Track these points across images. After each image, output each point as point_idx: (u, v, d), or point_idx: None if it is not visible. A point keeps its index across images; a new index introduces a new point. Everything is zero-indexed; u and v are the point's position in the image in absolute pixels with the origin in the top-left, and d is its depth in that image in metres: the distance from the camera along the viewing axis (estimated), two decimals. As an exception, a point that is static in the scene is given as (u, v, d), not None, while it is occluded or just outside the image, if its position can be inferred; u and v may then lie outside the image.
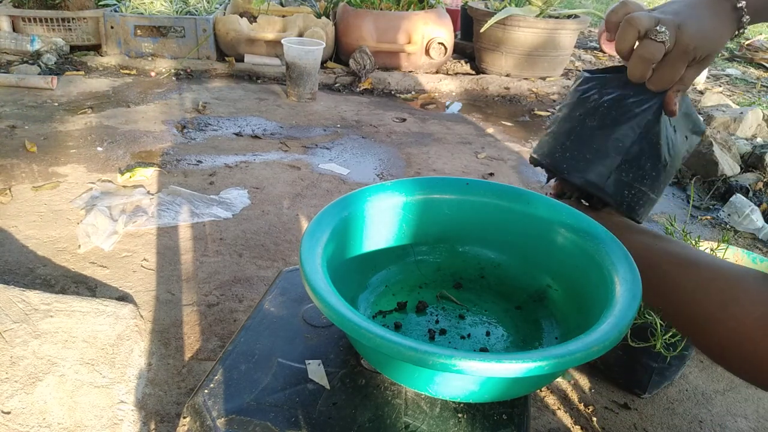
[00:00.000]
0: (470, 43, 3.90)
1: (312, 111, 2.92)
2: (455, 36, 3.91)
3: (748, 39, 5.28)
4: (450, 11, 3.79)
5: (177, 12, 3.45)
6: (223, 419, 0.56)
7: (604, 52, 4.59)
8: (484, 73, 3.66)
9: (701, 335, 0.55)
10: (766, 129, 2.90)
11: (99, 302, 1.30)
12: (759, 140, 2.76)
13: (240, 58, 3.45)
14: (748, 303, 0.51)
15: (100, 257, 1.62)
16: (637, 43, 0.63)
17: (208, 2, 3.60)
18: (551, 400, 1.27)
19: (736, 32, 0.68)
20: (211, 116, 2.73)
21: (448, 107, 3.25)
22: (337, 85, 3.35)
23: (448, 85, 3.46)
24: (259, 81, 3.35)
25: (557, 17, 3.53)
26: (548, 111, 3.21)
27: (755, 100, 3.58)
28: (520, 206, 0.74)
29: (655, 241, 0.62)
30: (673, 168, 0.76)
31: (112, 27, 3.33)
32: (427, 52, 3.47)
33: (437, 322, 0.70)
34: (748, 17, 0.67)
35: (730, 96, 3.71)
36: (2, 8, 3.28)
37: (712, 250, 1.28)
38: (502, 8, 3.41)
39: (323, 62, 3.48)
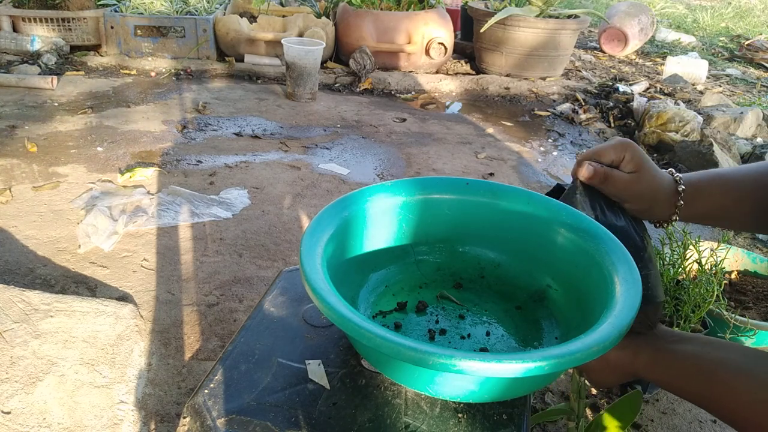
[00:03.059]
0: (470, 43, 3.89)
1: (312, 111, 2.92)
2: (455, 36, 3.91)
3: (748, 39, 5.28)
4: (450, 11, 3.79)
5: (177, 12, 3.45)
6: (223, 419, 0.56)
7: (604, 52, 4.59)
8: (484, 73, 3.66)
9: None
10: (766, 129, 2.90)
11: (99, 302, 1.30)
12: (759, 140, 2.76)
13: (240, 58, 3.45)
14: None
15: (100, 257, 1.62)
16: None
17: (208, 2, 3.60)
18: (551, 400, 1.27)
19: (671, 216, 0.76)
20: (211, 116, 2.73)
21: (448, 107, 3.25)
22: (337, 85, 3.35)
23: (448, 85, 3.46)
24: (259, 81, 3.35)
25: (557, 17, 3.53)
26: (548, 111, 3.21)
27: (755, 100, 3.58)
28: (520, 206, 0.74)
29: (705, 349, 0.61)
30: (646, 234, 0.76)
31: (112, 27, 3.33)
32: (427, 52, 3.47)
33: (437, 322, 0.70)
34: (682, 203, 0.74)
35: (730, 96, 3.71)
36: (2, 8, 3.28)
37: (712, 250, 1.28)
38: (502, 8, 3.41)
39: (323, 62, 3.48)
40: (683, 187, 0.74)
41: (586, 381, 0.76)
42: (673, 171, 0.76)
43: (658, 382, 0.65)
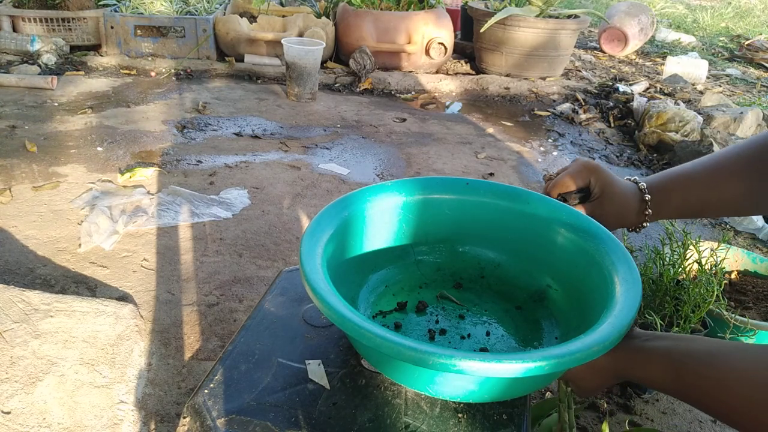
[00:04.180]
0: (470, 43, 3.89)
1: (312, 111, 2.92)
2: (455, 36, 3.91)
3: (748, 39, 5.28)
4: (450, 11, 3.79)
5: (177, 12, 3.45)
6: (223, 419, 0.56)
7: (604, 52, 4.59)
8: (484, 73, 3.66)
9: (732, 421, 0.58)
10: (766, 129, 2.90)
11: (99, 302, 1.30)
12: (759, 140, 2.76)
13: (240, 58, 3.45)
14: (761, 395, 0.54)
15: (100, 257, 1.62)
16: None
17: (208, 2, 3.60)
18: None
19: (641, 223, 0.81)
20: (211, 116, 2.73)
21: (448, 107, 3.25)
22: (337, 85, 3.35)
23: (448, 85, 3.46)
24: (259, 81, 3.35)
25: (557, 17, 3.53)
26: (548, 111, 3.21)
27: (755, 100, 3.58)
28: (520, 206, 0.74)
29: (675, 343, 0.63)
30: None
31: (112, 27, 3.33)
32: (427, 52, 3.47)
33: (437, 322, 0.70)
34: (650, 211, 0.79)
35: (730, 96, 3.71)
36: (2, 8, 3.28)
37: (712, 250, 1.28)
38: (502, 8, 3.40)
39: (323, 62, 3.48)
40: (648, 196, 0.78)
41: (570, 390, 0.76)
42: (637, 180, 0.80)
43: (637, 379, 0.66)
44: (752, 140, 0.76)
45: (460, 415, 0.59)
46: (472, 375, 0.49)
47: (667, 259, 1.27)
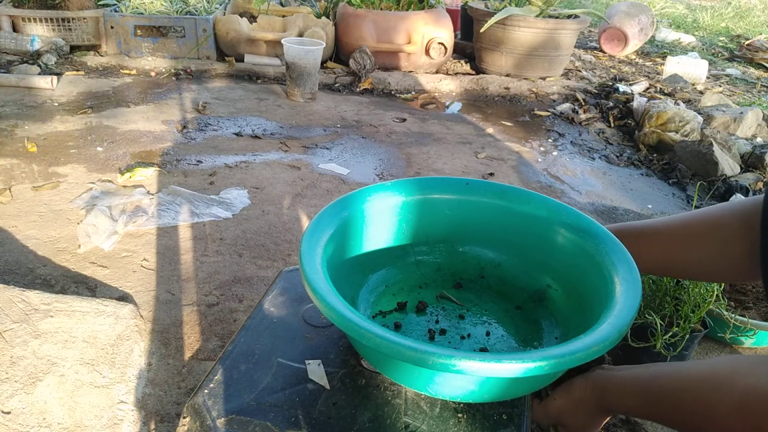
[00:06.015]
0: (470, 43, 3.90)
1: (312, 111, 2.92)
2: (455, 36, 3.91)
3: (748, 39, 5.27)
4: (450, 11, 3.79)
5: (177, 12, 3.45)
6: (223, 419, 0.56)
7: (604, 52, 4.59)
8: (484, 73, 3.66)
9: (697, 429, 0.60)
10: (766, 129, 2.90)
11: (99, 302, 1.30)
12: (759, 140, 2.76)
13: (240, 58, 3.45)
14: (720, 407, 0.56)
15: (100, 257, 1.62)
16: None
17: (208, 2, 3.60)
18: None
19: None
20: (211, 116, 2.73)
21: (448, 107, 3.25)
22: (337, 85, 3.35)
23: (448, 85, 3.46)
24: (259, 81, 3.35)
25: (557, 17, 3.53)
26: (548, 111, 3.21)
27: (755, 100, 3.58)
28: (520, 206, 0.74)
29: (645, 368, 0.67)
30: None
31: (112, 27, 3.33)
32: (427, 52, 3.47)
33: (437, 322, 0.70)
34: None
35: (730, 96, 3.71)
36: (2, 8, 3.28)
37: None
38: (502, 8, 3.41)
39: (323, 62, 3.48)
40: None
41: None
42: None
43: (615, 408, 0.68)
44: (721, 206, 0.77)
45: (460, 415, 0.59)
46: (472, 375, 0.49)
47: (667, 259, 1.27)
